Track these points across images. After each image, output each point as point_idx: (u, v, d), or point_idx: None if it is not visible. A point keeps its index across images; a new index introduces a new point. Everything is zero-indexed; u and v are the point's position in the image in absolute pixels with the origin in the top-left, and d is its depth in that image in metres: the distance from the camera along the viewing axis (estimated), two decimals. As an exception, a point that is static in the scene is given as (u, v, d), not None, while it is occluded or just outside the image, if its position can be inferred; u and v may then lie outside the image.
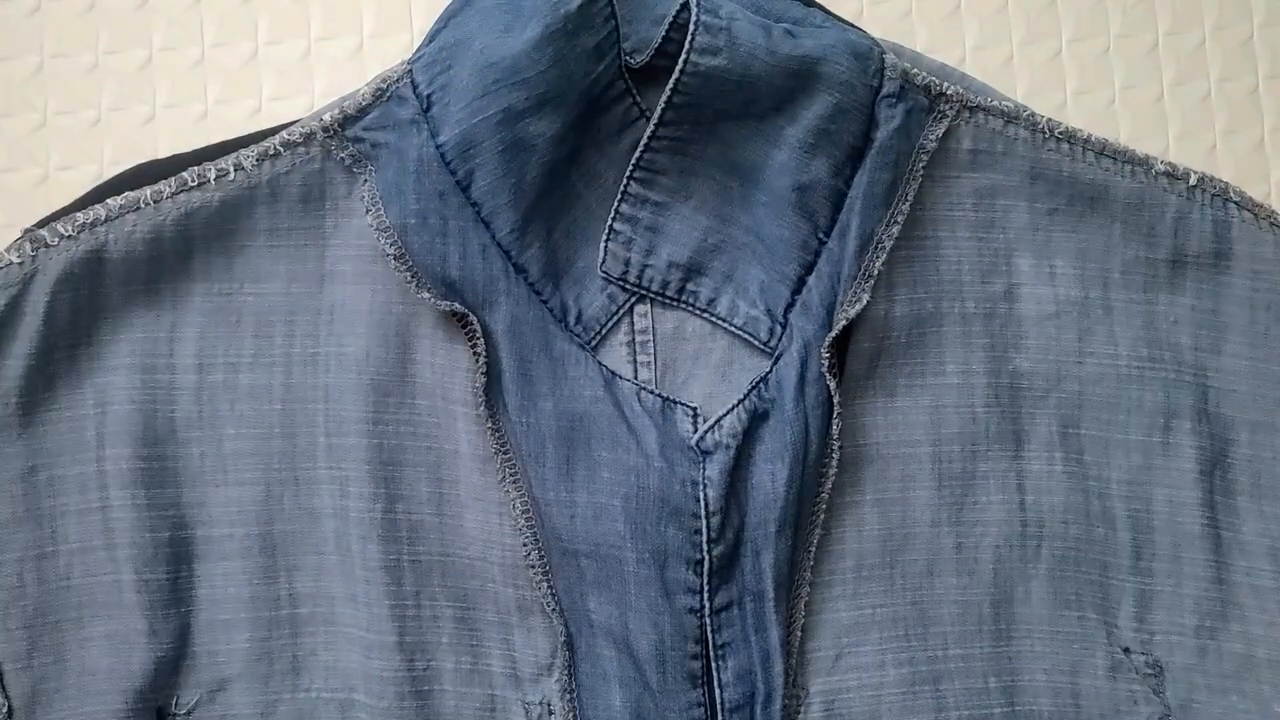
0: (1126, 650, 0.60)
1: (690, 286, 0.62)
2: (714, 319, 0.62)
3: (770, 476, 0.59)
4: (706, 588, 0.59)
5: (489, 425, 0.59)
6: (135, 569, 0.58)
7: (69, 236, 0.58)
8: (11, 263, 0.57)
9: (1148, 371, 0.62)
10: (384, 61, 0.72)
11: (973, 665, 0.60)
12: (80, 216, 0.58)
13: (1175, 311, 0.62)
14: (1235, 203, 0.62)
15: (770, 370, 0.60)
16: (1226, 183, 0.62)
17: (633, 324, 0.63)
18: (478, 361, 0.58)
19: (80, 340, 0.59)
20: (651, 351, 0.63)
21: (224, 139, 0.63)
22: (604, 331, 0.62)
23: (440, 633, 0.60)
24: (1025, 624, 0.61)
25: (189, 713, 0.59)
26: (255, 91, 0.72)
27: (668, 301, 0.63)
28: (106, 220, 0.58)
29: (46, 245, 0.58)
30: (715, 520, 0.59)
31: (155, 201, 0.59)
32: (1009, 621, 0.61)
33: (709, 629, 0.59)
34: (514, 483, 0.59)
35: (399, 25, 0.73)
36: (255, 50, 0.72)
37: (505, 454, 0.59)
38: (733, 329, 0.62)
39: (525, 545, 0.59)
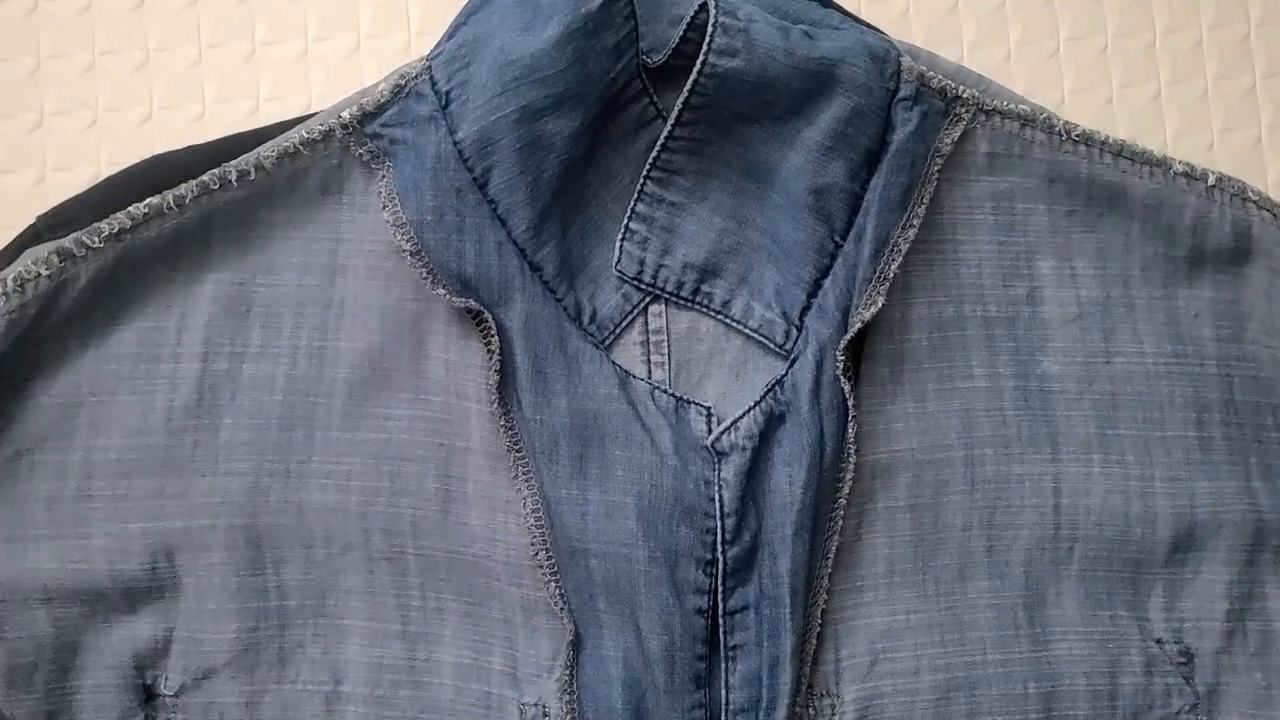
0: (1159, 641, 0.61)
1: (705, 288, 0.62)
2: (728, 320, 0.62)
3: (788, 480, 0.59)
4: (721, 589, 0.59)
5: (502, 422, 0.59)
6: (108, 559, 0.58)
7: (96, 249, 0.57)
8: (40, 275, 0.57)
9: (1175, 367, 0.63)
10: (381, 61, 0.72)
11: (1012, 671, 0.60)
12: (105, 227, 0.58)
13: (1195, 305, 0.63)
14: (1254, 202, 0.62)
15: (786, 373, 0.60)
16: (1244, 183, 0.63)
17: (647, 324, 0.63)
18: (491, 358, 0.58)
19: (93, 331, 0.59)
20: (665, 351, 0.63)
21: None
22: (618, 331, 0.62)
23: (444, 626, 0.60)
24: (1060, 627, 0.61)
25: (176, 695, 0.59)
26: (252, 92, 0.71)
27: (682, 302, 0.62)
28: (132, 229, 0.58)
29: (74, 258, 0.57)
30: (730, 522, 0.59)
31: (179, 206, 0.58)
32: (1044, 625, 0.61)
33: (723, 630, 0.59)
34: (525, 481, 0.59)
35: (396, 25, 0.72)
36: (252, 51, 0.72)
37: (518, 451, 0.59)
38: (747, 331, 0.62)
39: (534, 545, 0.59)
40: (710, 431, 0.60)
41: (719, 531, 0.59)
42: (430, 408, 0.60)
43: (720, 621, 0.59)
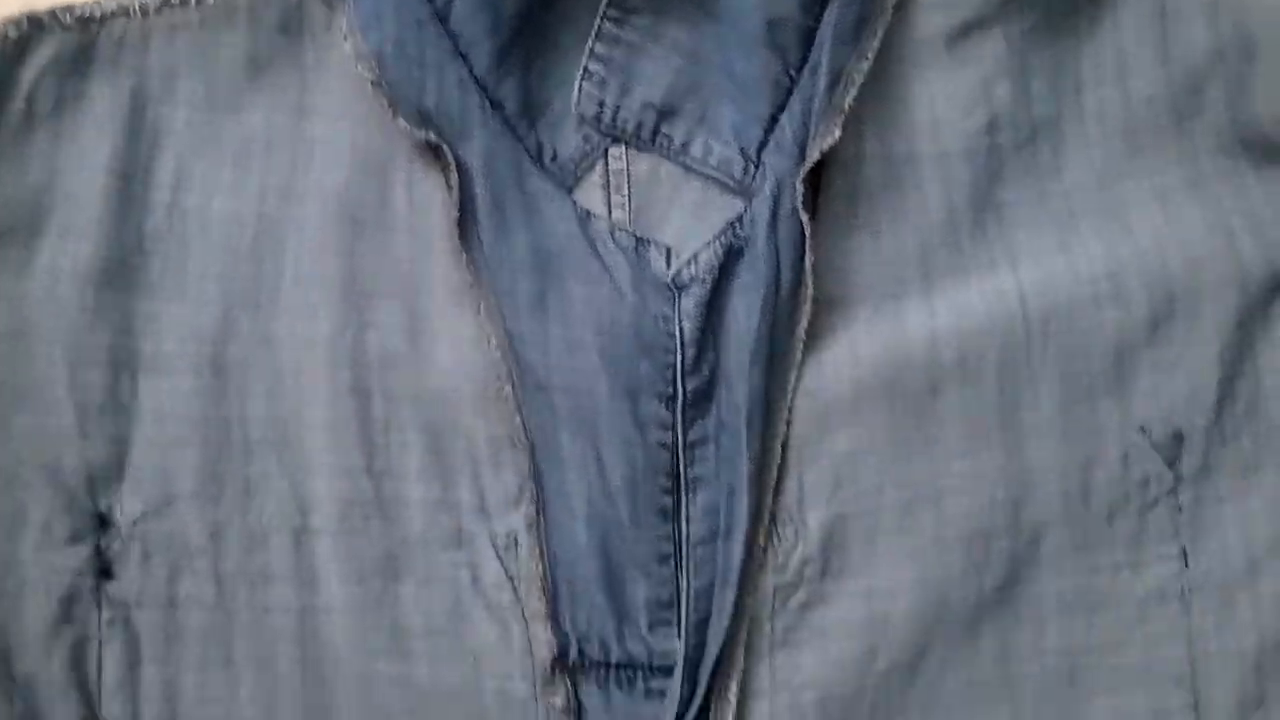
0: (1143, 429, 0.60)
1: (664, 129, 0.63)
2: (688, 163, 0.63)
3: (745, 311, 0.59)
4: (681, 421, 0.59)
5: (464, 258, 0.59)
6: (69, 365, 0.58)
7: (67, 27, 0.59)
8: (8, 37, 0.58)
9: (1126, 163, 0.62)
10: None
11: (980, 482, 0.59)
12: (77, 9, 0.59)
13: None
14: None
15: (745, 209, 0.61)
16: None
17: (607, 166, 0.63)
18: (451, 194, 0.59)
19: (63, 132, 0.59)
20: (626, 194, 0.63)
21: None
22: (579, 172, 0.63)
23: (408, 461, 0.60)
24: (1035, 431, 0.60)
25: (135, 523, 0.58)
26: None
27: (642, 145, 0.63)
28: (100, 20, 0.59)
29: (42, 28, 0.58)
30: (690, 353, 0.59)
31: (143, 14, 0.60)
32: (1017, 430, 0.60)
33: (682, 463, 0.59)
34: (488, 316, 0.59)
35: None
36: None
37: (480, 287, 0.59)
38: (707, 171, 0.63)
39: (499, 379, 0.59)
40: (669, 268, 0.61)
41: (679, 364, 0.59)
42: (396, 246, 0.60)
43: (680, 454, 0.59)
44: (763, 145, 0.62)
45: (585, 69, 0.62)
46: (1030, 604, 0.59)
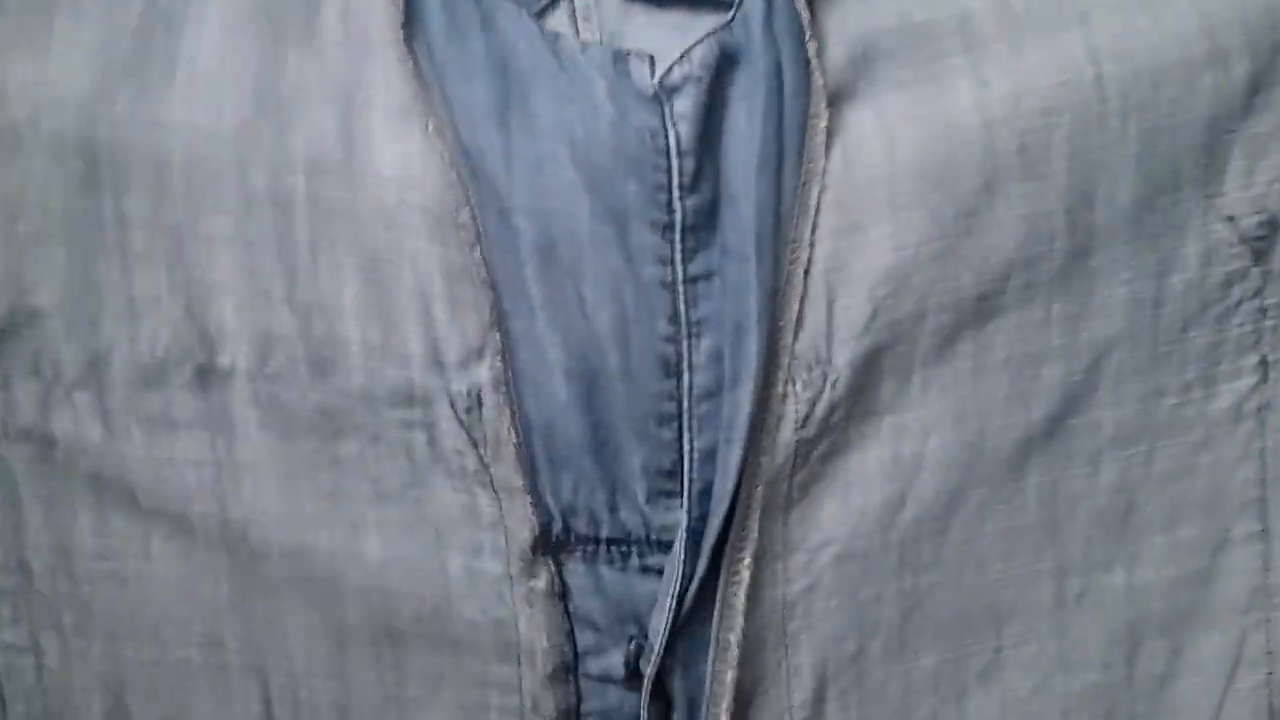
0: (1231, 219, 0.51)
1: None
2: None
3: (745, 114, 0.49)
4: (681, 251, 0.49)
5: (410, 65, 0.48)
6: None
7: None
8: None
9: None
10: None
11: (1034, 294, 0.50)
12: None
13: None
14: None
15: (734, 14, 0.50)
16: None
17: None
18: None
19: None
20: (595, 20, 0.52)
21: None
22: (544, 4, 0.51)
23: (342, 292, 0.49)
24: (1106, 231, 0.51)
25: None
26: None
27: None
28: None
29: None
30: (689, 164, 0.48)
31: None
32: (1087, 232, 0.50)
33: (684, 303, 0.49)
34: (438, 133, 0.48)
35: None
36: None
37: (429, 98, 0.48)
38: None
39: (455, 201, 0.48)
40: (653, 79, 0.49)
41: (674, 181, 0.48)
42: (327, 57, 0.49)
43: (682, 292, 0.49)
44: None
45: None
46: (1084, 436, 0.52)
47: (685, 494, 0.50)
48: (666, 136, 0.48)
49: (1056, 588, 0.53)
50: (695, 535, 0.50)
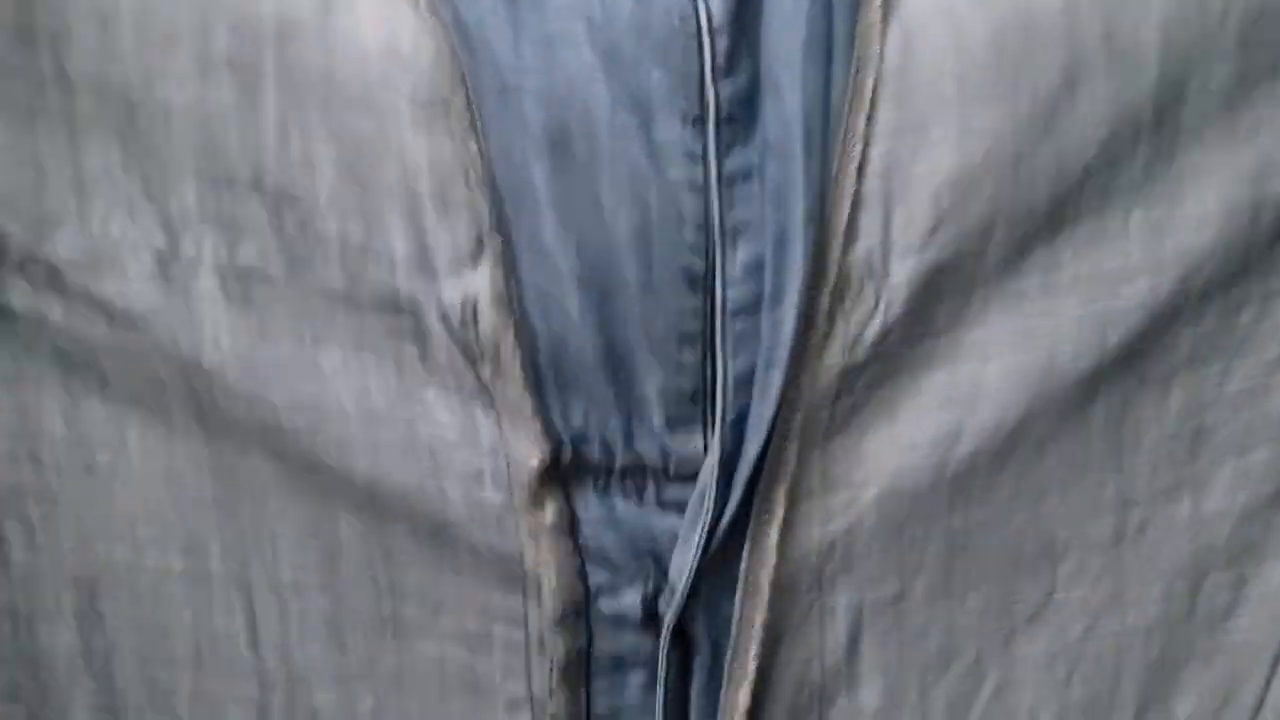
0: None
1: None
2: None
3: None
4: (715, 146, 0.42)
5: None
6: None
7: None
8: None
9: None
10: None
11: (1109, 201, 0.45)
12: None
13: None
14: None
15: None
16: None
17: None
18: None
19: None
20: None
21: None
22: None
23: (316, 178, 0.43)
24: (1196, 134, 0.45)
25: None
26: None
27: None
28: None
29: None
30: (723, 43, 0.41)
31: None
32: (1174, 130, 0.45)
33: (719, 206, 0.43)
34: (430, 9, 0.41)
35: None
36: None
37: None
38: None
39: (450, 82, 0.42)
40: None
41: (707, 62, 0.41)
42: None
43: (716, 193, 0.42)
44: None
45: None
46: (1158, 358, 0.47)
47: (719, 421, 0.44)
48: (697, 14, 0.41)
49: (1116, 521, 0.49)
50: (729, 470, 0.45)
